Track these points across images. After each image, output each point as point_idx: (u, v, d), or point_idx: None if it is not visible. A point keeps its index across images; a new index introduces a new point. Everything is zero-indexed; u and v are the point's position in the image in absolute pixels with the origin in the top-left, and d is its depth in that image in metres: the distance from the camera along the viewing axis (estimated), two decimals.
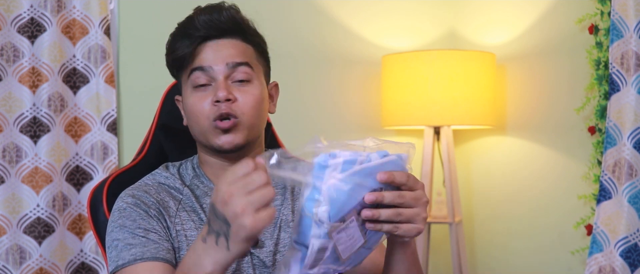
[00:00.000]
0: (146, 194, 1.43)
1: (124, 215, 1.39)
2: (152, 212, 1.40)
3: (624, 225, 2.38)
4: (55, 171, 2.49)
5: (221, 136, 1.41)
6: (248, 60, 1.43)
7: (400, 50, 2.93)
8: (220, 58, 1.42)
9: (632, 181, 2.38)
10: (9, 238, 2.46)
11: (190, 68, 1.43)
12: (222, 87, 1.40)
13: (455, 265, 2.76)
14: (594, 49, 2.57)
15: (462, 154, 2.99)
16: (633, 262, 2.37)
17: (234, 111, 1.40)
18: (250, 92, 1.42)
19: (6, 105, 2.48)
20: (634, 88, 2.37)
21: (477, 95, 2.66)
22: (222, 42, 1.43)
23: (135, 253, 1.33)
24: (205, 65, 1.42)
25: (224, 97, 1.39)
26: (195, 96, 1.43)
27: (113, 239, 1.37)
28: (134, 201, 1.40)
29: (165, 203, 1.43)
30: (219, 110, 1.40)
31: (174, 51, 1.45)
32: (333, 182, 1.12)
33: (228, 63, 1.42)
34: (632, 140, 2.38)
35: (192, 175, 1.50)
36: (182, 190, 1.47)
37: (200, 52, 1.43)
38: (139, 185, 1.46)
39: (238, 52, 1.43)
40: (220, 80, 1.41)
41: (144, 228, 1.37)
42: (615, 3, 2.41)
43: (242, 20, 1.45)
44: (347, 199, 1.13)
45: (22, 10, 2.49)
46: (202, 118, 1.42)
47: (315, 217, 1.11)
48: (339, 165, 1.13)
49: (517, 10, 2.85)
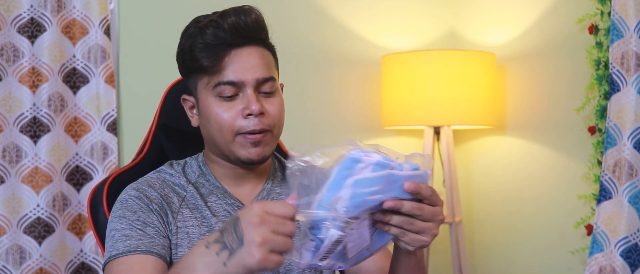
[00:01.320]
0: (150, 188, 1.43)
1: (125, 206, 1.40)
2: (153, 206, 1.40)
3: (624, 225, 2.38)
4: (55, 171, 2.49)
5: (251, 149, 1.41)
6: (273, 74, 1.44)
7: (400, 50, 2.93)
8: (250, 72, 1.40)
9: (633, 181, 2.38)
10: (9, 238, 2.46)
11: (216, 80, 1.41)
12: (254, 100, 1.40)
13: (455, 265, 2.76)
14: (594, 49, 2.57)
15: (462, 154, 2.99)
16: (633, 262, 2.37)
17: (265, 125, 1.41)
18: (276, 102, 1.43)
19: (6, 105, 2.48)
20: (634, 88, 2.37)
21: (477, 95, 2.66)
22: (248, 50, 1.41)
23: (130, 244, 1.34)
24: (236, 80, 1.40)
25: (257, 111, 1.39)
26: (222, 106, 1.41)
27: (111, 229, 1.38)
28: (137, 194, 1.41)
29: (168, 198, 1.44)
30: (252, 125, 1.40)
31: (195, 59, 1.41)
32: (361, 178, 1.12)
33: (258, 79, 1.41)
34: (632, 140, 2.37)
35: (197, 174, 1.50)
36: (187, 187, 1.47)
37: (228, 63, 1.40)
38: (144, 180, 1.47)
39: (264, 63, 1.42)
40: (251, 93, 1.40)
41: (142, 221, 1.37)
42: (615, 3, 2.41)
43: (263, 24, 1.44)
44: (368, 198, 1.14)
45: (22, 10, 2.49)
46: (227, 129, 1.41)
47: (332, 209, 1.11)
48: (371, 164, 1.14)
49: (517, 10, 2.85)
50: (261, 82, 1.41)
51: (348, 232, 1.14)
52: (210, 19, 1.41)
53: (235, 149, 1.42)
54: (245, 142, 1.41)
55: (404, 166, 1.18)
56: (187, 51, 1.43)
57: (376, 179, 1.14)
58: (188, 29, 1.44)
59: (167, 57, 2.69)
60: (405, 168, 1.17)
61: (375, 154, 1.15)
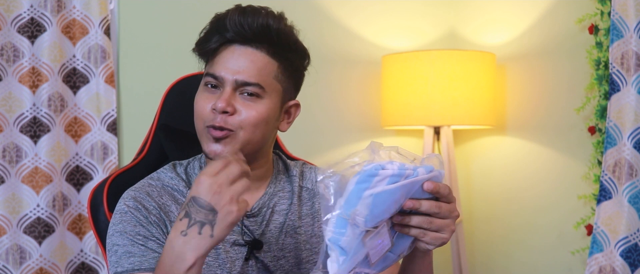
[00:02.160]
0: (148, 197, 1.42)
1: (124, 219, 1.39)
2: (152, 218, 1.39)
3: (624, 225, 2.38)
4: (55, 171, 2.49)
5: (211, 143, 1.40)
6: (261, 81, 1.40)
7: (400, 50, 2.93)
8: (233, 72, 1.39)
9: (633, 181, 2.38)
10: (9, 238, 2.46)
11: (206, 69, 1.43)
12: (224, 98, 1.38)
13: (455, 265, 2.76)
14: (594, 49, 2.57)
15: (462, 154, 2.99)
16: (633, 262, 2.37)
17: (229, 124, 1.39)
18: (255, 108, 1.40)
19: (6, 105, 2.48)
20: (634, 88, 2.37)
21: (477, 95, 2.66)
22: (245, 50, 1.40)
23: (134, 262, 1.35)
24: (218, 75, 1.40)
25: (221, 109, 1.38)
26: (201, 95, 1.43)
27: (113, 244, 1.38)
28: (135, 205, 1.40)
29: (166, 207, 1.42)
30: (214, 120, 1.39)
31: (205, 41, 1.43)
32: (378, 191, 1.17)
33: (238, 80, 1.39)
34: (632, 140, 2.38)
35: None
36: (186, 193, 1.45)
37: (220, 57, 1.41)
38: (142, 186, 1.45)
39: (254, 67, 1.39)
40: (225, 90, 1.39)
41: (143, 236, 1.37)
42: (615, 3, 2.41)
43: (277, 32, 1.41)
44: (387, 208, 1.19)
45: (22, 10, 2.49)
46: (199, 119, 1.42)
47: (351, 220, 1.17)
48: (387, 178, 1.18)
49: (517, 10, 2.85)
50: (241, 84, 1.39)
51: (369, 243, 1.19)
52: (229, 9, 1.42)
53: (202, 140, 1.42)
54: (209, 135, 1.40)
55: (418, 170, 1.22)
56: (202, 36, 1.44)
57: (392, 191, 1.19)
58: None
59: (167, 57, 2.71)
60: (420, 172, 1.22)
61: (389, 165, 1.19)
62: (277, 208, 1.49)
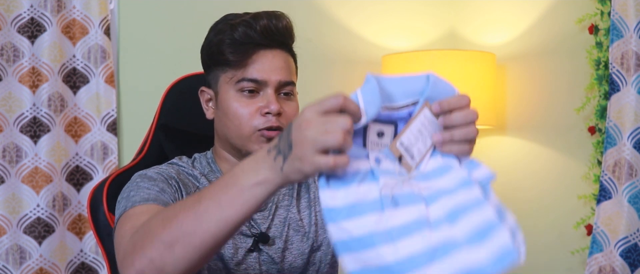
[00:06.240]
0: (168, 169, 1.47)
1: (145, 177, 1.42)
2: (172, 182, 1.43)
3: (624, 225, 2.38)
4: (55, 171, 2.49)
5: (265, 145, 1.44)
6: (293, 79, 1.53)
7: (400, 50, 2.93)
8: (274, 73, 1.48)
9: (632, 181, 2.38)
10: (9, 238, 2.46)
11: (240, 75, 1.47)
12: (274, 100, 1.46)
13: None
14: (594, 49, 2.57)
15: None
16: (633, 262, 2.38)
17: (281, 123, 1.47)
18: (293, 106, 1.51)
19: (6, 105, 2.48)
20: (634, 88, 2.37)
21: (477, 95, 2.66)
22: (274, 53, 1.49)
23: (150, 193, 1.36)
24: (260, 79, 1.47)
25: (276, 111, 1.45)
26: (241, 101, 1.47)
27: (127, 190, 1.39)
28: (157, 170, 1.45)
29: (185, 183, 1.47)
30: (269, 122, 1.46)
31: (222, 53, 1.47)
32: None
33: (281, 81, 1.48)
34: (632, 140, 2.38)
35: (207, 170, 1.53)
36: (199, 178, 1.50)
37: (254, 61, 1.47)
38: (157, 167, 1.49)
39: (287, 67, 1.50)
40: (271, 93, 1.47)
41: (160, 188, 1.39)
42: (615, 3, 2.41)
43: (292, 32, 1.52)
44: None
45: (22, 10, 2.49)
46: (244, 124, 1.47)
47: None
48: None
49: (517, 10, 2.85)
50: (283, 85, 1.49)
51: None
52: (242, 18, 1.47)
53: (250, 144, 1.47)
54: (261, 138, 1.46)
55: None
56: (214, 44, 1.48)
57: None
58: (217, 24, 1.50)
59: (167, 57, 2.71)
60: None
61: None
62: (281, 203, 1.54)
